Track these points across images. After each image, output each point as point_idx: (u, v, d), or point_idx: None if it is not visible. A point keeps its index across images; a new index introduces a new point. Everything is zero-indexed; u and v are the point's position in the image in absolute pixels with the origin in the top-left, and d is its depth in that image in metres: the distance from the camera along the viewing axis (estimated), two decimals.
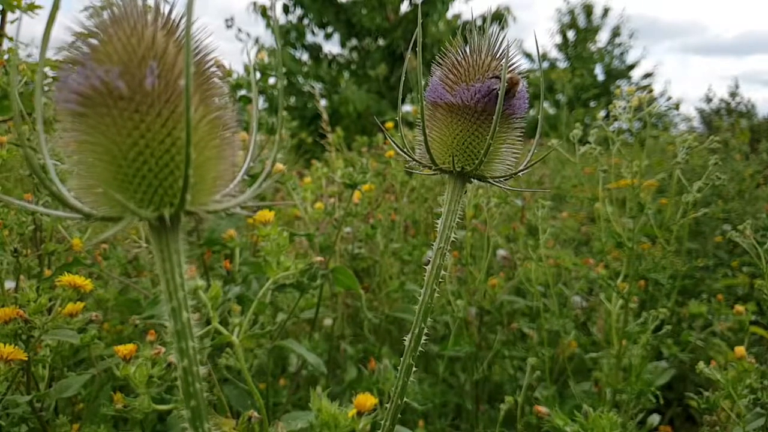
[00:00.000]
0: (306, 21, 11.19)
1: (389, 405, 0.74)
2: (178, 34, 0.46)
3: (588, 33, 14.25)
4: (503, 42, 0.68)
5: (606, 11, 14.21)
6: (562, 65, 13.86)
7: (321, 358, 1.51)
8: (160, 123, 0.45)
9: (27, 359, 0.96)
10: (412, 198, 2.30)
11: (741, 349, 1.12)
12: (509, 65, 0.66)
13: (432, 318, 1.74)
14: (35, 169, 0.45)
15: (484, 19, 0.69)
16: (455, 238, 0.74)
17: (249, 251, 1.62)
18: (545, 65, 13.28)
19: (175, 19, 0.46)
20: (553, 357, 1.71)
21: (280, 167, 1.60)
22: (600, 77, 13.92)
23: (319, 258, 1.35)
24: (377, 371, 1.26)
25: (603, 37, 15.66)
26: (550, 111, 10.16)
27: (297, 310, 1.52)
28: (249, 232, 1.66)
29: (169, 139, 0.45)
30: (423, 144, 0.68)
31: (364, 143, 2.74)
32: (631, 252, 1.46)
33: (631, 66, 14.26)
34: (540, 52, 0.86)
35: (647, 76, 14.21)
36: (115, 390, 1.11)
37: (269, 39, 10.85)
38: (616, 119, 1.47)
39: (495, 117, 0.63)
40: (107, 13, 0.45)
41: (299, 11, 11.10)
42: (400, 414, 0.74)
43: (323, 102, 4.91)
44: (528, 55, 9.61)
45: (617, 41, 14.18)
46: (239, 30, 11.15)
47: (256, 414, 0.88)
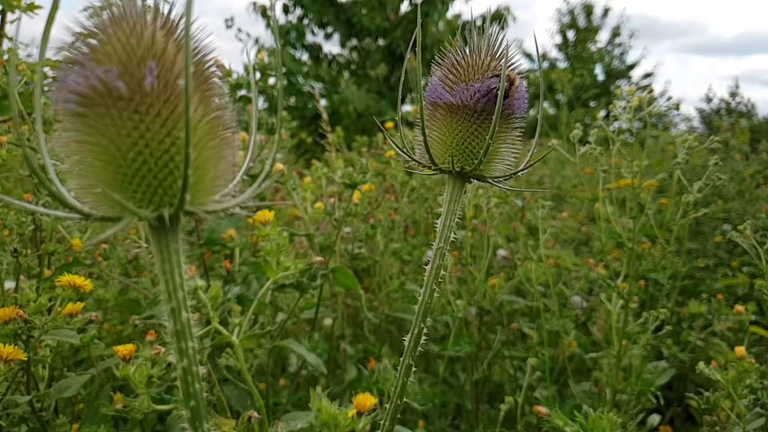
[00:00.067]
0: (306, 21, 11.20)
1: (389, 405, 0.74)
2: (177, 34, 0.46)
3: (588, 33, 14.25)
4: (503, 42, 0.68)
5: (606, 11, 14.23)
6: (562, 65, 13.87)
7: (321, 358, 1.51)
8: (159, 123, 0.45)
9: (27, 359, 0.97)
10: (412, 198, 2.30)
11: (741, 349, 1.12)
12: (509, 65, 0.66)
13: (432, 318, 1.74)
14: (35, 169, 0.45)
15: (483, 19, 0.69)
16: (455, 238, 0.74)
17: (249, 251, 1.62)
18: (545, 65, 13.29)
19: (175, 19, 0.46)
20: (553, 357, 1.71)
21: (279, 167, 1.60)
22: (600, 77, 13.93)
23: (319, 258, 1.35)
24: (377, 371, 1.26)
25: (603, 37, 15.71)
26: (550, 111, 10.16)
27: (297, 310, 1.52)
28: (249, 232, 1.66)
29: (169, 139, 0.45)
30: (422, 144, 0.68)
31: (364, 143, 2.74)
32: (632, 252, 1.46)
33: (631, 66, 14.27)
34: (540, 52, 0.86)
35: (647, 76, 14.23)
36: (115, 390, 1.11)
37: (269, 39, 10.86)
38: (616, 119, 1.47)
39: (494, 117, 0.63)
40: (106, 14, 0.45)
41: (299, 11, 11.10)
42: (399, 414, 0.74)
43: (323, 102, 4.91)
44: (528, 55, 9.63)
45: (617, 41, 14.19)
46: (239, 30, 11.17)
47: (256, 414, 0.88)
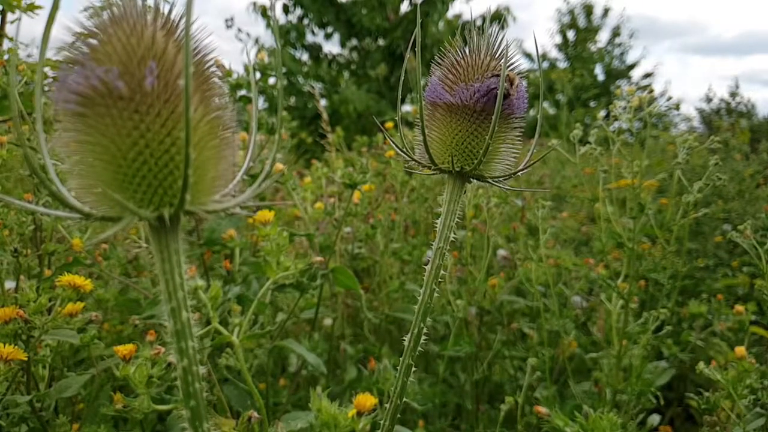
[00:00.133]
0: (306, 21, 11.20)
1: (389, 405, 0.74)
2: (177, 34, 0.46)
3: (588, 33, 14.26)
4: (502, 42, 0.68)
5: (606, 11, 14.23)
6: (562, 65, 13.87)
7: (321, 358, 1.51)
8: (159, 123, 0.45)
9: (27, 359, 0.97)
10: (412, 198, 2.30)
11: (741, 349, 1.12)
12: (509, 65, 0.66)
13: (432, 318, 1.74)
14: (35, 169, 0.45)
15: (483, 19, 0.69)
16: (455, 238, 0.74)
17: (249, 251, 1.62)
18: (545, 65, 13.29)
19: (175, 19, 0.46)
20: (553, 357, 1.70)
21: (279, 167, 1.60)
22: (600, 77, 13.93)
23: (319, 258, 1.35)
24: (377, 371, 1.26)
25: (603, 37, 15.71)
26: (550, 111, 10.16)
27: (297, 310, 1.52)
28: (249, 232, 1.66)
29: (169, 139, 0.45)
30: (422, 144, 0.68)
31: (364, 143, 2.74)
32: (632, 252, 1.46)
33: (631, 66, 14.28)
34: (540, 52, 0.86)
35: (647, 76, 14.23)
36: (115, 390, 1.11)
37: (269, 39, 10.86)
38: (616, 119, 1.47)
39: (494, 117, 0.63)
40: (107, 14, 0.45)
41: (299, 11, 11.10)
42: (399, 414, 0.74)
43: (323, 102, 4.91)
44: (528, 55, 9.63)
45: (617, 41, 14.19)
46: (239, 30, 11.17)
47: (256, 414, 0.88)
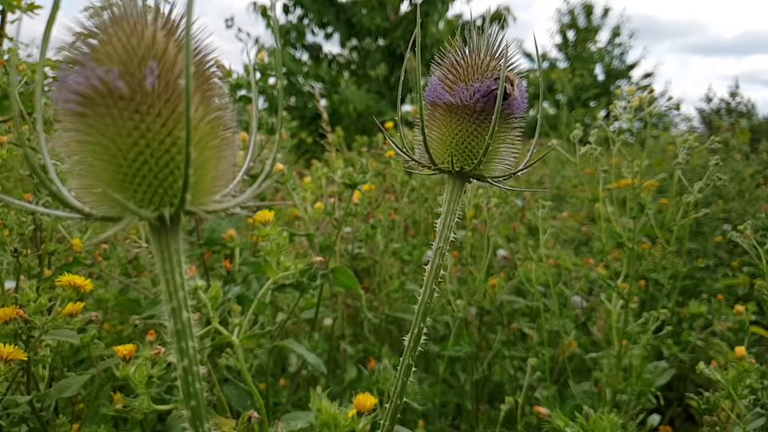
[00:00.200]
0: (306, 21, 11.20)
1: (389, 405, 0.74)
2: (178, 34, 0.46)
3: (588, 33, 14.26)
4: (502, 42, 0.68)
5: (606, 11, 14.24)
6: (562, 65, 13.87)
7: (321, 358, 1.51)
8: (160, 123, 0.45)
9: (27, 359, 0.97)
10: (412, 198, 2.30)
11: (741, 349, 1.12)
12: (508, 65, 0.66)
13: (432, 318, 1.74)
14: (35, 169, 0.45)
15: (483, 19, 0.69)
16: (455, 238, 0.74)
17: (249, 251, 1.62)
18: (545, 65, 13.29)
19: (175, 19, 0.46)
20: (554, 357, 1.70)
21: (280, 167, 1.60)
22: (600, 77, 13.93)
23: (319, 258, 1.35)
24: (377, 371, 1.26)
25: (603, 37, 15.72)
26: (550, 111, 10.16)
27: (297, 310, 1.52)
28: (249, 232, 1.66)
29: (169, 139, 0.45)
30: (422, 144, 0.68)
31: (364, 143, 2.74)
32: (632, 252, 1.46)
33: (631, 66, 14.28)
34: (540, 52, 0.86)
35: (647, 76, 14.24)
36: (115, 390, 1.11)
37: (269, 39, 10.86)
38: (616, 119, 1.47)
39: (494, 117, 0.63)
40: (107, 14, 0.45)
41: (299, 11, 11.10)
42: (399, 414, 0.74)
43: (323, 102, 4.91)
44: (528, 55, 9.63)
45: (617, 41, 14.19)
46: (239, 30, 11.17)
47: (256, 414, 0.88)
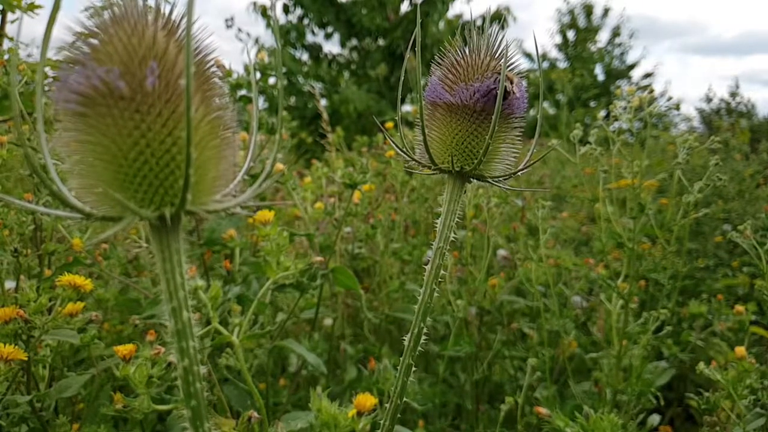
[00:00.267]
0: (306, 21, 11.19)
1: (389, 405, 0.74)
2: (178, 34, 0.46)
3: (588, 33, 14.26)
4: (502, 42, 0.68)
5: (606, 11, 14.23)
6: (562, 65, 13.87)
7: (321, 358, 1.51)
8: (160, 123, 0.45)
9: (27, 359, 0.97)
10: (412, 198, 2.30)
11: (741, 349, 1.12)
12: (508, 65, 0.66)
13: (432, 318, 1.74)
14: (36, 169, 0.45)
15: (483, 19, 0.69)
16: (455, 238, 0.74)
17: (249, 251, 1.62)
18: (545, 65, 13.29)
19: (176, 20, 0.46)
20: (553, 357, 1.70)
21: (280, 167, 1.60)
22: (600, 77, 13.94)
23: (319, 258, 1.35)
24: (377, 371, 1.26)
25: (603, 37, 15.71)
26: (550, 111, 10.16)
27: (297, 310, 1.52)
28: (249, 232, 1.66)
29: (170, 139, 0.45)
30: (422, 144, 0.68)
31: (364, 143, 2.74)
32: (632, 252, 1.46)
33: (631, 66, 14.28)
34: (540, 52, 0.86)
35: (647, 76, 14.24)
36: (115, 390, 1.11)
37: (269, 39, 10.86)
38: (616, 119, 1.47)
39: (494, 116, 0.63)
40: (108, 13, 0.45)
41: (299, 11, 11.10)
42: (399, 414, 0.74)
43: (323, 102, 4.91)
44: (528, 55, 9.63)
45: (617, 41, 14.19)
46: (239, 30, 11.17)
47: (256, 414, 0.88)
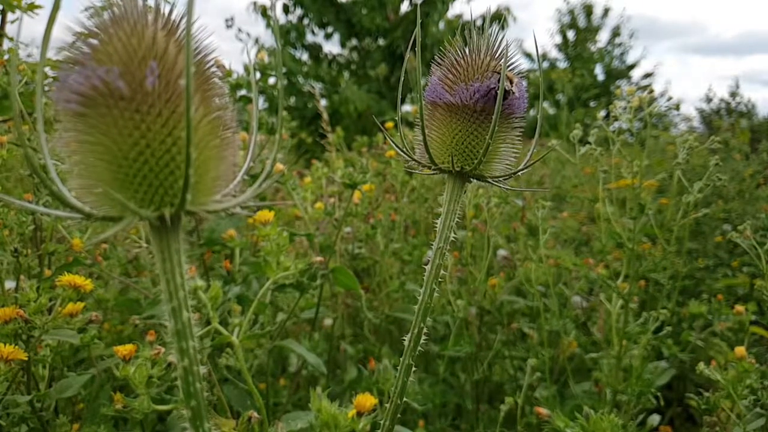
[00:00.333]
0: (306, 21, 11.20)
1: (389, 405, 0.74)
2: (178, 34, 0.46)
3: (588, 33, 14.27)
4: (502, 42, 0.68)
5: (606, 11, 14.25)
6: (562, 65, 13.88)
7: (321, 358, 1.51)
8: (160, 123, 0.45)
9: (27, 359, 0.97)
10: (412, 198, 2.30)
11: (741, 350, 1.12)
12: (509, 65, 0.66)
13: (432, 318, 1.74)
14: (35, 169, 0.45)
15: (483, 19, 0.69)
16: (455, 238, 0.74)
17: (249, 251, 1.62)
18: (545, 65, 13.29)
19: (176, 20, 0.46)
20: (554, 357, 1.71)
21: (280, 167, 1.60)
22: (600, 77, 13.95)
23: (319, 258, 1.35)
24: (377, 371, 1.26)
25: (603, 37, 15.73)
26: (550, 111, 10.16)
27: (297, 310, 1.52)
28: (249, 232, 1.66)
29: (170, 139, 0.45)
30: (422, 144, 0.68)
31: (364, 143, 2.74)
32: (632, 252, 1.46)
33: (631, 66, 14.29)
34: (540, 52, 0.86)
35: (647, 76, 14.25)
36: (115, 390, 1.11)
37: (269, 39, 10.87)
38: (616, 119, 1.47)
39: (494, 116, 0.63)
40: (107, 14, 0.45)
41: (299, 11, 11.11)
42: (399, 414, 0.74)
43: (323, 102, 4.91)
44: (528, 55, 9.63)
45: (617, 41, 14.21)
46: (239, 30, 11.18)
47: (256, 414, 0.88)
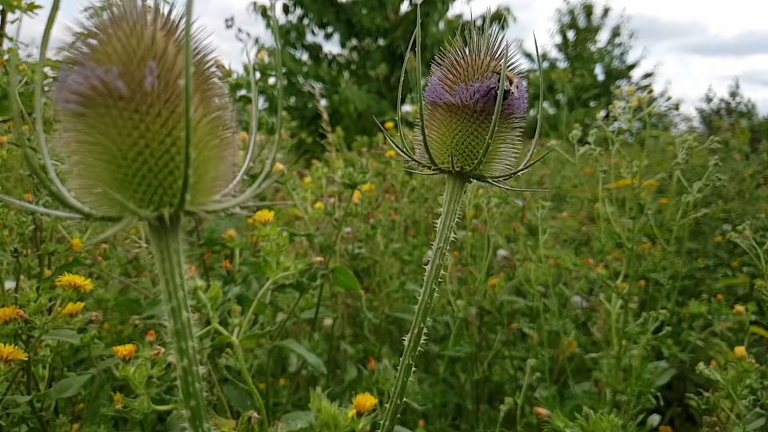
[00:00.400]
0: (306, 21, 11.20)
1: (389, 405, 0.74)
2: (177, 34, 0.46)
3: (588, 33, 14.27)
4: (502, 42, 0.68)
5: (606, 11, 14.26)
6: (562, 65, 13.89)
7: (321, 358, 1.51)
8: (159, 123, 0.45)
9: (27, 359, 0.97)
10: (412, 198, 2.30)
11: (741, 349, 1.12)
12: (509, 65, 0.66)
13: (432, 318, 1.74)
14: (35, 169, 0.45)
15: (483, 19, 0.69)
16: (455, 238, 0.74)
17: (249, 251, 1.62)
18: (545, 65, 13.29)
19: (175, 20, 0.46)
20: (553, 357, 1.70)
21: (279, 167, 1.60)
22: (600, 77, 13.95)
23: (319, 258, 1.35)
24: (377, 371, 1.26)
25: (603, 37, 15.73)
26: (550, 111, 10.16)
27: (297, 310, 1.52)
28: (249, 232, 1.66)
29: (169, 139, 0.45)
30: (422, 144, 0.68)
31: (364, 143, 2.74)
32: (631, 252, 1.46)
33: (631, 66, 14.30)
34: (540, 52, 0.86)
35: (647, 76, 14.25)
36: (115, 390, 1.11)
37: (269, 39, 10.87)
38: (615, 119, 1.47)
39: (494, 116, 0.63)
40: (107, 14, 0.45)
41: (299, 11, 11.11)
42: (399, 414, 0.74)
43: (323, 102, 4.91)
44: (528, 55, 9.64)
45: (617, 41, 14.22)
46: (239, 30, 11.19)
47: (255, 414, 0.88)
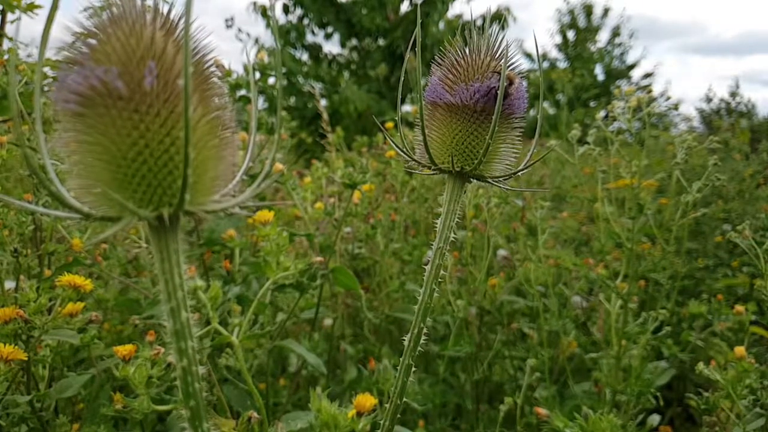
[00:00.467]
0: (306, 21, 11.20)
1: (389, 405, 0.74)
2: (177, 34, 0.46)
3: (588, 33, 14.27)
4: (502, 42, 0.68)
5: (606, 11, 14.26)
6: (562, 65, 13.89)
7: (321, 358, 1.51)
8: (158, 123, 0.45)
9: (27, 359, 0.97)
10: (412, 198, 2.30)
11: (741, 349, 1.12)
12: (509, 65, 0.66)
13: (432, 318, 1.74)
14: (35, 169, 0.45)
15: (483, 19, 0.69)
16: (455, 238, 0.74)
17: (249, 251, 1.62)
18: (545, 65, 13.29)
19: (174, 19, 0.46)
20: (553, 357, 1.70)
21: (279, 167, 1.60)
22: (600, 77, 13.95)
23: (319, 258, 1.35)
24: (377, 371, 1.26)
25: (603, 37, 15.73)
26: (550, 111, 10.16)
27: (297, 310, 1.52)
28: (249, 232, 1.66)
29: (168, 139, 0.45)
30: (422, 144, 0.68)
31: (364, 143, 2.74)
32: (631, 252, 1.46)
33: (631, 66, 14.30)
34: (540, 52, 0.86)
35: (647, 76, 14.25)
36: (115, 390, 1.11)
37: (269, 39, 10.87)
38: (615, 119, 1.47)
39: (494, 116, 0.63)
40: (106, 14, 0.45)
41: (299, 11, 11.11)
42: (399, 414, 0.74)
43: (323, 102, 4.91)
44: (528, 55, 9.63)
45: (617, 41, 14.22)
46: (239, 30, 11.18)
47: (255, 414, 0.88)
